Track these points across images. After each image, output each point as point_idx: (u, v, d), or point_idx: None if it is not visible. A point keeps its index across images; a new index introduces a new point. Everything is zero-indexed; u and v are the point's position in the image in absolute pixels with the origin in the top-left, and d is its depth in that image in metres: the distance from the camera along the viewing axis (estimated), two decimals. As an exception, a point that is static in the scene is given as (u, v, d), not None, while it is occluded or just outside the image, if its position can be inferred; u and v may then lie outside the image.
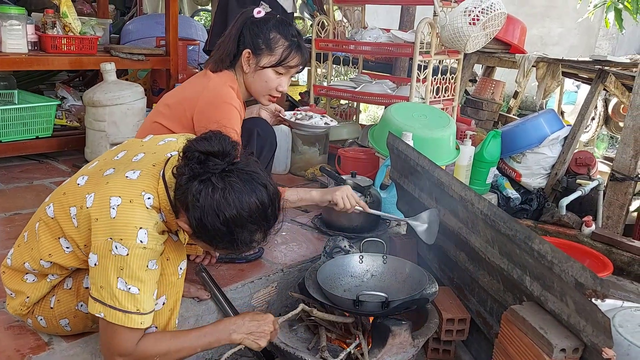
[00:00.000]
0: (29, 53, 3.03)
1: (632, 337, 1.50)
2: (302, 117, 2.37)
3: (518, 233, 1.50)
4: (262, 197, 1.32)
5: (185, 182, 1.30)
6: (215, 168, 1.29)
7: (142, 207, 1.32)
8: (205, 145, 1.31)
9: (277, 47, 1.96)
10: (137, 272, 1.29)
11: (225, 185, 1.28)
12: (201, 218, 1.29)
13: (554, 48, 7.71)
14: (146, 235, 1.29)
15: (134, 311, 1.30)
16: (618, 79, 3.52)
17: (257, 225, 1.34)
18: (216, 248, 1.39)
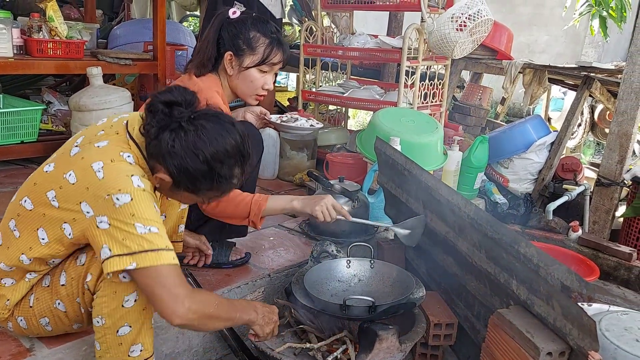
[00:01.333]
0: (14, 57, 3.00)
1: (618, 341, 1.50)
2: (288, 119, 2.36)
3: (504, 237, 1.50)
4: (234, 133, 1.39)
5: (155, 134, 1.34)
6: (181, 116, 1.34)
7: (126, 163, 1.35)
8: (168, 96, 1.36)
9: (258, 46, 1.94)
10: (148, 212, 1.31)
11: (196, 127, 1.34)
12: (181, 163, 1.33)
13: (540, 55, 7.79)
14: (140, 180, 1.32)
15: (164, 248, 1.31)
16: (603, 86, 3.56)
17: (234, 159, 1.40)
18: (198, 192, 1.41)
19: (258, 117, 2.25)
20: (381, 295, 1.86)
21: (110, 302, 1.36)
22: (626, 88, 3.01)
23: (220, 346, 1.96)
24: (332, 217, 1.90)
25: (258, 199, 1.87)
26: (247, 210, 1.86)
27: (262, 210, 1.86)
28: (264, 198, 1.88)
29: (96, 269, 1.38)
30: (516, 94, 5.57)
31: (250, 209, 1.86)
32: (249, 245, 2.29)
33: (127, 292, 1.36)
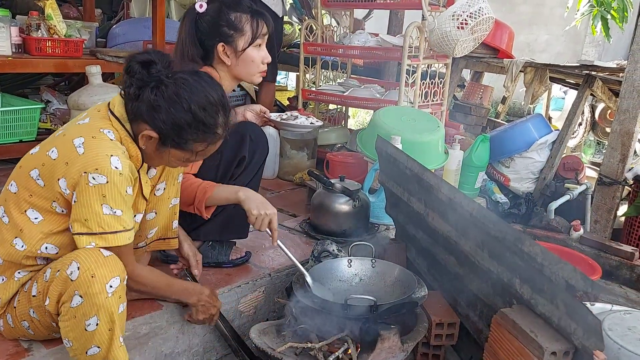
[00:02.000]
0: (13, 55, 2.98)
1: (621, 341, 1.49)
2: (288, 117, 2.35)
3: (508, 235, 1.49)
4: (212, 83, 1.46)
5: (135, 95, 1.38)
6: (159, 74, 1.39)
7: (106, 140, 1.39)
8: (145, 56, 1.40)
9: (243, 25, 1.92)
10: (118, 196, 1.36)
11: (176, 81, 1.39)
12: (166, 115, 1.38)
13: (541, 55, 7.78)
14: (119, 162, 1.36)
15: (121, 229, 1.38)
16: (605, 84, 3.55)
17: (217, 107, 1.45)
18: (185, 146, 1.44)
19: (258, 115, 2.24)
20: (383, 294, 1.85)
21: (73, 326, 1.35)
22: (628, 86, 3.00)
23: (220, 346, 1.94)
24: (260, 229, 1.80)
25: (204, 187, 1.84)
26: (192, 197, 1.84)
27: (207, 198, 1.84)
28: (211, 187, 1.85)
29: (53, 292, 1.36)
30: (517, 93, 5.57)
31: (195, 195, 1.84)
32: (249, 245, 2.28)
33: (87, 317, 1.33)
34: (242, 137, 2.01)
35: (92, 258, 1.33)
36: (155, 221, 1.72)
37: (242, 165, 2.03)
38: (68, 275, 1.33)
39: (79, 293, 1.32)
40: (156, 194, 1.68)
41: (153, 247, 1.80)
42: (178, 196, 1.77)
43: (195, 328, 1.85)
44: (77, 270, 1.32)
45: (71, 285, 1.32)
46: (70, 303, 1.32)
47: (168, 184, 1.70)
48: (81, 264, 1.32)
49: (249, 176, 2.06)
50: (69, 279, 1.32)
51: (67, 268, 1.33)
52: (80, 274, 1.32)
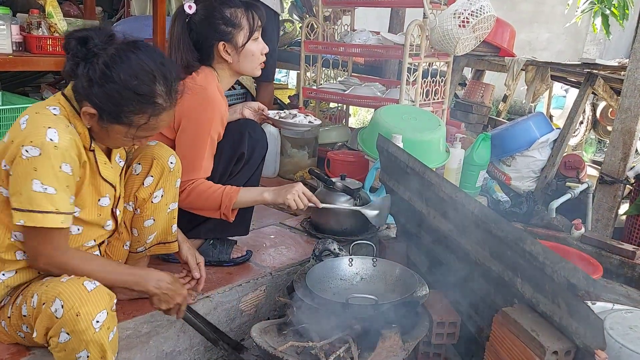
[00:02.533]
0: (13, 53, 2.97)
1: (623, 340, 1.49)
2: (286, 115, 2.34)
3: (509, 234, 1.49)
4: (148, 50, 1.39)
5: (72, 72, 1.35)
6: (95, 48, 1.34)
7: (49, 114, 1.36)
8: (82, 32, 1.36)
9: (240, 20, 1.91)
10: (51, 172, 1.30)
11: (108, 53, 1.34)
12: (99, 88, 1.33)
13: (542, 53, 7.76)
14: (56, 134, 1.31)
15: (53, 210, 1.32)
16: (606, 83, 3.54)
17: (153, 75, 1.38)
18: (125, 120, 1.38)
19: (256, 112, 2.23)
20: (384, 293, 1.85)
21: (64, 357, 1.33)
22: (629, 85, 2.99)
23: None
24: (304, 205, 1.92)
25: (229, 191, 1.87)
26: (218, 203, 1.87)
27: (233, 203, 1.87)
28: (235, 190, 1.88)
29: (40, 326, 1.32)
30: (518, 92, 5.57)
31: (222, 201, 1.86)
32: (250, 244, 2.28)
33: (77, 351, 1.31)
34: (241, 134, 2.01)
35: (75, 295, 1.29)
36: (154, 227, 1.71)
37: (241, 162, 2.02)
38: (53, 312, 1.29)
39: (66, 330, 1.29)
40: (153, 201, 1.67)
41: (153, 252, 1.79)
42: (176, 200, 1.75)
43: (196, 327, 1.84)
44: (61, 308, 1.28)
45: (57, 323, 1.29)
46: (58, 339, 1.30)
47: (165, 190, 1.69)
48: (65, 301, 1.28)
49: (249, 173, 2.06)
50: (54, 317, 1.29)
51: (51, 304, 1.29)
52: (64, 312, 1.28)
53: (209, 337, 1.75)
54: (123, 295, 1.73)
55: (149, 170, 1.65)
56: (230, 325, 1.96)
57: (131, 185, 1.66)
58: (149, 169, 1.65)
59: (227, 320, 1.94)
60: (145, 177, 1.65)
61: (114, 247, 1.71)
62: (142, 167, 1.65)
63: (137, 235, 1.72)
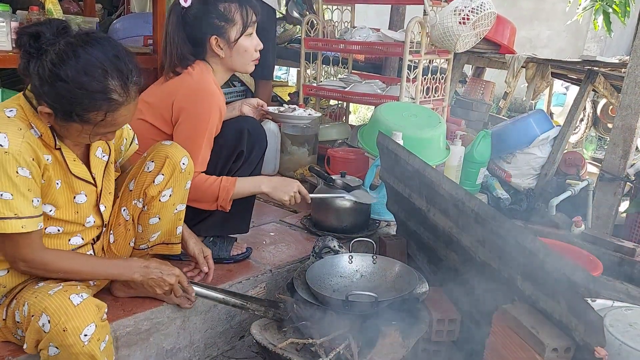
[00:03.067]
0: (13, 50, 2.97)
1: (622, 337, 1.48)
2: (285, 109, 2.35)
3: (509, 232, 1.48)
4: (100, 44, 1.32)
5: (24, 68, 1.31)
6: (46, 44, 1.28)
7: (3, 117, 1.32)
8: (34, 28, 1.30)
9: (234, 15, 1.90)
10: (5, 177, 1.27)
11: (57, 48, 1.28)
12: (49, 87, 1.28)
13: (542, 50, 7.75)
14: (6, 139, 1.27)
15: (11, 216, 1.30)
16: (607, 80, 3.53)
17: (104, 69, 1.30)
18: (79, 117, 1.32)
19: (255, 108, 2.23)
20: (384, 290, 1.85)
21: None
22: (630, 82, 2.98)
23: (221, 342, 1.95)
24: (297, 202, 2.00)
25: (226, 183, 1.88)
26: (215, 195, 1.88)
27: (231, 195, 1.89)
28: (232, 182, 1.89)
29: (30, 338, 1.33)
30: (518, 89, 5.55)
31: (219, 194, 1.88)
32: (250, 241, 2.28)
33: None
34: (239, 132, 2.00)
35: (61, 310, 1.29)
36: (158, 226, 1.71)
37: (240, 159, 2.02)
38: (40, 326, 1.29)
39: (54, 345, 1.29)
40: (161, 199, 1.67)
41: (155, 251, 1.79)
42: (184, 202, 1.75)
43: (196, 323, 1.85)
44: (47, 323, 1.28)
45: (45, 337, 1.29)
46: (48, 352, 1.30)
47: (174, 190, 1.68)
48: (51, 317, 1.28)
49: (248, 170, 2.06)
50: (42, 331, 1.29)
51: (38, 319, 1.30)
52: (51, 327, 1.28)
53: (235, 304, 1.75)
54: (122, 293, 1.73)
55: (161, 168, 1.65)
56: (230, 322, 1.96)
57: (142, 181, 1.66)
58: (161, 167, 1.65)
59: (227, 317, 1.95)
60: (157, 175, 1.65)
61: (120, 244, 1.72)
62: (155, 165, 1.65)
63: (142, 231, 1.72)
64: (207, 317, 1.88)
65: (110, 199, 1.63)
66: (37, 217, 1.36)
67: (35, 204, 1.35)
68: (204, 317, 1.87)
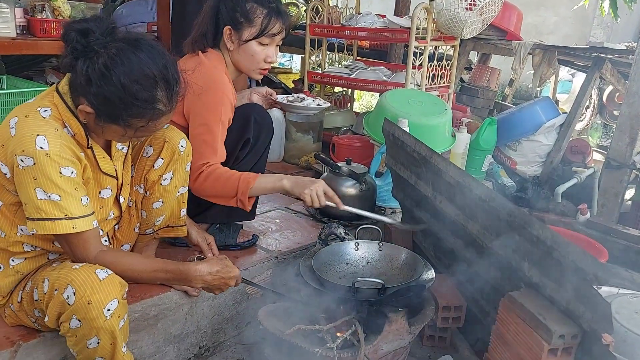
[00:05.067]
0: (17, 37, 2.96)
1: (628, 324, 1.49)
2: (294, 99, 2.33)
3: (517, 219, 1.48)
4: (152, 53, 1.33)
5: (71, 64, 1.31)
6: (96, 42, 1.29)
7: (39, 118, 1.32)
8: (82, 24, 1.30)
9: (256, 18, 1.89)
10: (51, 178, 1.28)
11: (109, 51, 1.29)
12: (97, 89, 1.28)
13: (548, 37, 7.66)
14: (45, 141, 1.28)
15: (62, 217, 1.31)
16: (614, 67, 3.51)
17: (154, 80, 1.32)
18: (122, 122, 1.34)
19: (264, 97, 2.22)
20: (390, 277, 1.85)
21: (75, 343, 1.35)
22: (638, 69, 2.96)
23: (228, 327, 1.96)
24: (321, 204, 1.86)
25: (246, 177, 1.83)
26: (235, 189, 1.82)
27: (250, 189, 1.82)
28: (253, 177, 1.83)
29: (52, 312, 1.34)
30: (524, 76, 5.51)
31: (238, 187, 1.81)
32: (256, 228, 2.28)
33: (88, 337, 1.33)
34: (246, 119, 2.00)
35: (87, 283, 1.30)
36: (162, 210, 1.71)
37: (247, 147, 2.02)
38: (65, 299, 1.30)
39: (77, 317, 1.30)
40: (162, 183, 1.67)
41: (161, 235, 1.80)
42: (186, 184, 1.75)
43: (203, 309, 1.86)
44: (72, 295, 1.29)
45: (68, 309, 1.30)
46: (69, 325, 1.32)
47: (175, 173, 1.68)
48: (77, 289, 1.29)
49: (255, 158, 2.05)
50: (66, 303, 1.30)
51: (63, 291, 1.31)
52: (76, 300, 1.29)
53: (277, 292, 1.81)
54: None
55: (160, 152, 1.64)
56: (237, 308, 1.98)
57: (142, 167, 1.66)
58: (160, 151, 1.64)
59: (233, 303, 1.96)
60: (156, 160, 1.65)
61: (124, 230, 1.72)
62: (153, 149, 1.65)
63: (146, 217, 1.72)
64: (214, 304, 1.89)
65: (127, 190, 1.64)
66: (89, 216, 1.37)
67: (84, 202, 1.36)
68: (211, 304, 1.88)
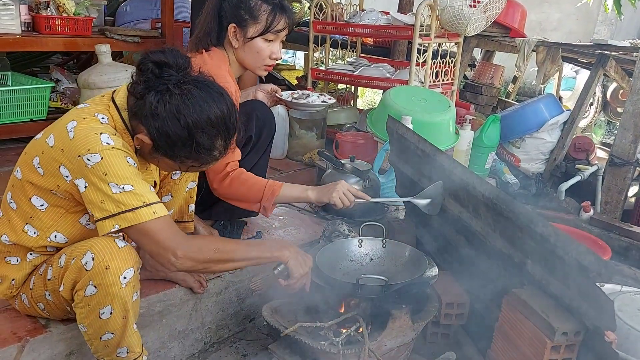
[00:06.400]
0: (22, 34, 2.98)
1: (631, 321, 1.50)
2: (299, 96, 2.33)
3: (520, 216, 1.49)
4: (220, 103, 1.36)
5: (141, 93, 1.33)
6: (170, 78, 1.32)
7: (97, 122, 1.35)
8: (160, 57, 1.33)
9: (260, 14, 1.89)
10: (120, 170, 1.30)
11: (182, 92, 1.31)
12: (162, 125, 1.31)
13: (552, 33, 7.65)
14: (109, 138, 1.31)
15: (141, 205, 1.31)
16: (618, 64, 3.50)
17: (217, 130, 1.36)
18: (177, 159, 1.39)
19: (269, 94, 2.23)
20: (393, 274, 1.85)
21: (87, 314, 1.36)
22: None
23: (232, 323, 1.97)
24: (350, 202, 1.88)
25: (272, 185, 1.84)
26: (260, 196, 1.83)
27: (275, 197, 1.83)
28: (278, 185, 1.84)
29: (68, 280, 1.36)
30: (528, 73, 5.51)
31: (264, 194, 1.83)
32: (260, 225, 2.29)
33: (102, 305, 1.34)
34: (248, 117, 2.00)
35: (106, 249, 1.32)
36: (171, 204, 1.72)
37: (249, 144, 2.03)
38: (83, 264, 1.32)
39: (93, 283, 1.32)
40: (172, 177, 1.68)
41: None
42: (195, 180, 1.76)
43: (208, 305, 1.87)
44: (91, 260, 1.31)
45: (86, 275, 1.32)
46: (85, 292, 1.33)
47: None
48: (96, 254, 1.31)
49: (257, 155, 2.06)
50: (84, 269, 1.32)
51: (82, 257, 1.33)
52: (94, 264, 1.31)
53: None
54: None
55: None
56: (241, 304, 1.99)
57: None
58: None
59: (237, 299, 1.97)
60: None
61: None
62: None
63: None
64: (219, 300, 1.90)
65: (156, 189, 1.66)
66: (161, 202, 1.38)
67: (152, 190, 1.38)
68: (216, 299, 1.89)
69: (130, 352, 1.43)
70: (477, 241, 1.76)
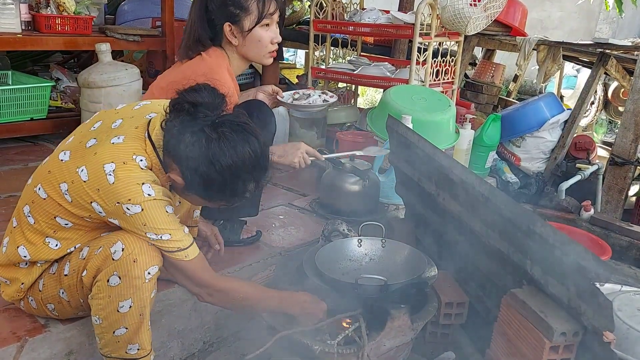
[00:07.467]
0: (22, 33, 2.97)
1: (630, 321, 1.49)
2: (300, 96, 2.32)
3: (519, 216, 1.49)
4: (255, 147, 1.36)
5: (176, 134, 1.33)
6: (206, 119, 1.33)
7: (138, 168, 1.34)
8: (195, 96, 1.34)
9: (249, 4, 1.89)
10: (159, 222, 1.33)
11: (219, 136, 1.32)
12: (196, 168, 1.32)
13: (553, 32, 7.64)
14: (151, 188, 1.32)
15: (175, 250, 1.38)
16: (619, 63, 3.50)
17: (251, 175, 1.38)
18: (209, 199, 1.43)
19: (270, 96, 2.22)
20: (393, 274, 1.85)
21: (105, 305, 1.36)
22: (643, 65, 2.95)
23: (231, 323, 1.97)
24: (307, 164, 1.98)
25: None
26: None
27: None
28: None
29: (92, 266, 1.36)
30: (529, 72, 5.50)
31: None
32: (259, 224, 2.29)
33: (122, 298, 1.34)
34: (248, 117, 2.00)
35: (137, 243, 1.34)
36: (178, 210, 1.72)
37: None
38: (111, 253, 1.33)
39: (118, 274, 1.32)
40: None
41: None
42: None
43: (207, 305, 1.87)
44: (120, 250, 1.32)
45: (112, 264, 1.33)
46: (108, 281, 1.33)
47: None
48: (126, 246, 1.33)
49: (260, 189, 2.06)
50: (111, 257, 1.33)
51: (111, 246, 1.33)
52: (123, 255, 1.32)
53: None
54: None
55: None
56: (240, 304, 1.99)
57: None
58: None
59: (237, 299, 1.97)
60: None
61: None
62: None
63: None
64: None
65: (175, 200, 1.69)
66: (194, 243, 1.43)
67: (186, 232, 1.42)
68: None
69: (142, 349, 1.43)
70: (477, 241, 1.75)
